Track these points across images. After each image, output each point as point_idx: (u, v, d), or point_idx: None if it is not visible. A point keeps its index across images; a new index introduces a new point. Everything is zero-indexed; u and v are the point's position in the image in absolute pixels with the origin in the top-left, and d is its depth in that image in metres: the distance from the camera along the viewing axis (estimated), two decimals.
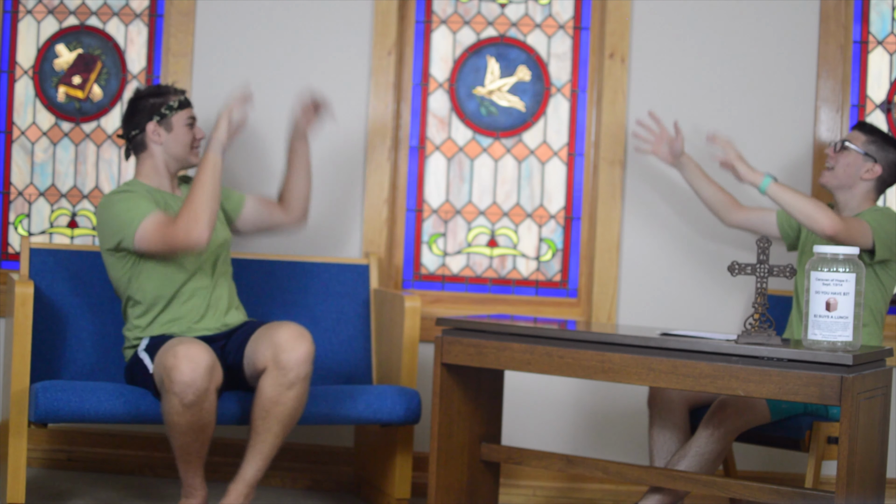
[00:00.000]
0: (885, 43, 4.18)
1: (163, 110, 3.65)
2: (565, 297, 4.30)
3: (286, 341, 3.38)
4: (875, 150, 3.60)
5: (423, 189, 4.32)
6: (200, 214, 3.46)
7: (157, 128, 3.65)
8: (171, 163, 3.69)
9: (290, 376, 3.37)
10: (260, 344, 3.45)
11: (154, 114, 3.65)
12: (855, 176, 3.60)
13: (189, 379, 3.26)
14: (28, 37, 4.34)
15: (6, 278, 4.17)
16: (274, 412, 3.38)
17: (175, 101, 3.67)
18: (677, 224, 4.17)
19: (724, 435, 3.37)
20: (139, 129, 3.66)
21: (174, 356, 3.28)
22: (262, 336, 3.47)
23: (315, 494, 4.12)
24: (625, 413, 4.18)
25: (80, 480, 4.08)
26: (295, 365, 3.37)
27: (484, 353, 3.31)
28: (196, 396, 3.27)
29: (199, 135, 3.72)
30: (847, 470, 2.84)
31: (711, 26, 4.16)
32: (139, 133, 3.67)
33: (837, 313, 2.91)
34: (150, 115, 3.65)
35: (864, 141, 3.61)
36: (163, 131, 3.66)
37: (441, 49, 4.33)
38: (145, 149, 3.68)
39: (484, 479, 3.57)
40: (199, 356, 3.28)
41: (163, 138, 3.66)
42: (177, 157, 3.68)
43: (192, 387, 3.26)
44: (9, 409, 3.47)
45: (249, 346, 3.50)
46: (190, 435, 3.33)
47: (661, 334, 3.16)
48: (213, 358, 3.33)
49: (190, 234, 3.45)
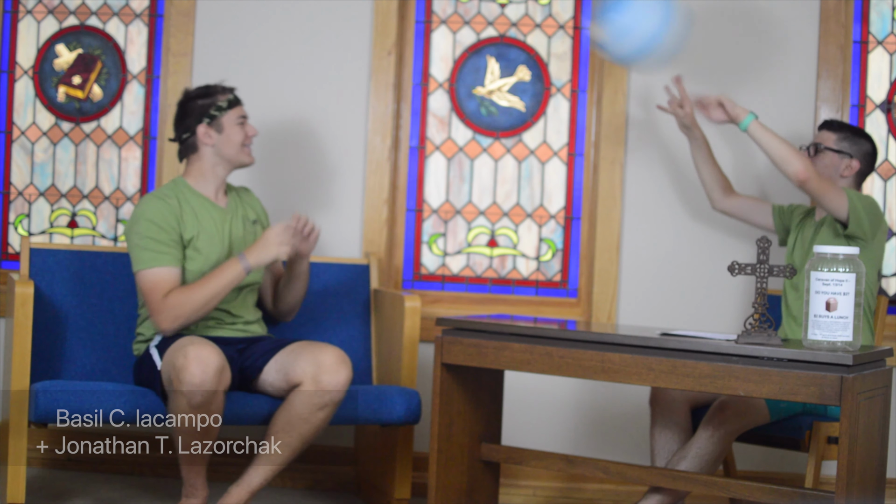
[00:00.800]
0: (885, 43, 4.18)
1: (212, 111, 3.62)
2: (565, 297, 4.30)
3: (331, 364, 3.40)
4: (848, 146, 3.61)
5: (423, 189, 4.32)
6: (187, 316, 3.48)
7: (208, 129, 3.62)
8: (220, 165, 3.65)
9: (325, 398, 3.38)
10: (300, 359, 3.44)
11: (204, 115, 3.62)
12: (833, 175, 3.62)
13: (199, 380, 3.26)
14: (28, 37, 4.34)
15: (6, 278, 4.17)
16: (299, 429, 3.39)
17: (224, 101, 3.63)
18: (677, 224, 4.17)
19: (724, 436, 3.37)
20: (190, 131, 3.63)
21: (184, 356, 3.28)
22: (303, 352, 3.46)
23: (315, 494, 4.12)
24: (625, 413, 4.18)
25: (80, 480, 4.08)
26: (334, 389, 3.39)
27: (484, 353, 3.31)
28: (204, 398, 3.27)
29: (252, 132, 3.68)
30: (847, 470, 2.84)
31: (711, 26, 4.16)
32: (190, 136, 3.64)
33: (837, 313, 2.90)
34: (199, 118, 3.62)
35: (835, 139, 3.63)
36: (214, 133, 3.62)
37: (441, 49, 4.33)
38: (196, 151, 3.65)
39: (484, 479, 3.57)
40: (209, 358, 3.28)
41: (214, 140, 3.62)
42: (229, 157, 3.64)
43: (201, 388, 3.26)
44: (9, 409, 3.47)
45: (283, 357, 3.49)
46: (195, 436, 3.32)
47: (661, 334, 3.16)
48: (224, 360, 3.33)
49: (162, 323, 3.49)
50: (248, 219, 3.73)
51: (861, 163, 3.63)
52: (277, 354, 3.51)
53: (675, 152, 4.17)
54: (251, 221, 3.74)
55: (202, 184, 3.66)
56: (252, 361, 3.53)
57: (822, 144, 3.63)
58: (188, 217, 3.58)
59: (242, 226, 3.70)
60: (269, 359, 3.51)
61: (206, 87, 3.67)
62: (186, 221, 3.57)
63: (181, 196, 3.61)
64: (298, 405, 3.38)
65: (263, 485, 3.44)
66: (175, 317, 3.48)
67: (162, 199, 3.58)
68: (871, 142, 3.66)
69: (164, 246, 3.52)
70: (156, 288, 3.49)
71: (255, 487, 3.43)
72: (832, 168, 3.62)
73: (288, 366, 3.45)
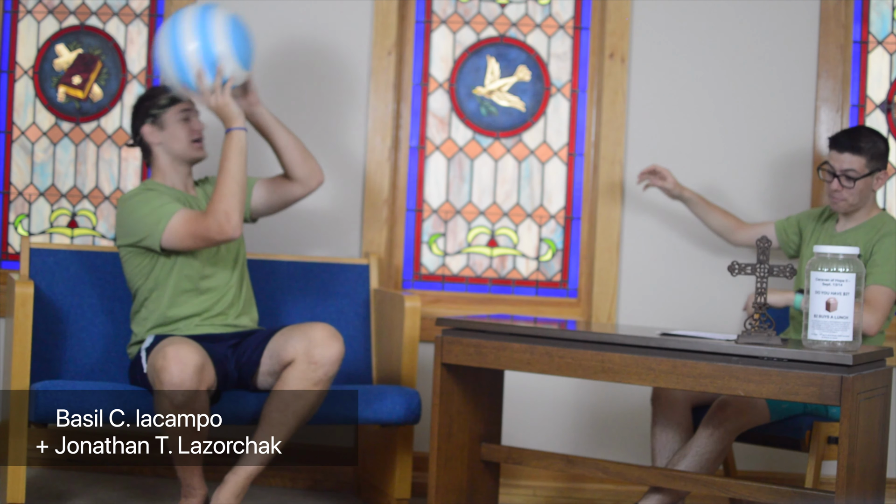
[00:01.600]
0: (885, 43, 4.18)
1: (153, 111, 3.64)
2: (565, 297, 4.30)
3: (321, 338, 3.40)
4: (875, 163, 3.56)
5: (423, 189, 4.32)
6: (231, 206, 3.46)
7: (152, 129, 3.64)
8: (176, 162, 3.67)
9: (318, 373, 3.38)
10: (291, 338, 3.44)
11: (146, 116, 3.65)
12: (868, 192, 3.58)
13: (178, 380, 3.25)
14: (28, 37, 4.34)
15: (6, 278, 4.17)
16: (294, 406, 3.38)
17: (164, 99, 3.64)
18: (677, 224, 4.17)
19: (723, 435, 3.37)
20: (136, 132, 3.67)
21: (163, 357, 3.28)
22: (293, 331, 3.47)
23: (315, 494, 4.12)
24: (625, 413, 4.18)
25: (80, 480, 4.08)
26: (327, 362, 3.38)
27: (484, 353, 3.31)
28: (185, 398, 3.26)
29: (198, 127, 3.68)
30: (847, 470, 2.84)
31: (711, 26, 4.16)
32: (139, 137, 3.67)
33: (837, 313, 2.90)
34: (143, 118, 3.65)
35: (864, 163, 3.54)
36: (157, 131, 3.64)
37: (441, 49, 4.33)
38: (150, 151, 3.67)
39: (484, 479, 3.57)
40: (187, 357, 3.28)
41: (160, 138, 3.64)
42: (177, 154, 3.65)
43: (180, 388, 3.25)
44: (9, 409, 3.47)
45: (274, 342, 3.49)
46: (184, 436, 3.32)
47: (661, 334, 3.16)
48: (204, 359, 3.32)
49: (224, 228, 3.46)
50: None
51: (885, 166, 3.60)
52: (269, 343, 3.52)
53: (675, 152, 4.17)
54: None
55: (171, 179, 3.68)
56: (248, 356, 3.53)
57: (855, 173, 3.53)
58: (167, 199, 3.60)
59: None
60: (262, 350, 3.52)
61: (151, 89, 3.72)
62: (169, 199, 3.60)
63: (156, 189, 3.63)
64: (292, 381, 3.38)
65: (259, 470, 3.42)
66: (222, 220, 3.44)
67: (147, 189, 3.61)
68: (884, 140, 3.60)
69: (169, 200, 3.53)
70: (189, 224, 3.47)
71: (252, 472, 3.42)
72: (867, 190, 3.56)
73: (279, 348, 3.46)
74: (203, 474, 3.46)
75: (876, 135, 3.58)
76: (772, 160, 4.12)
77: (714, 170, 4.15)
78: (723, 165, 4.14)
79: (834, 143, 3.58)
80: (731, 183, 4.14)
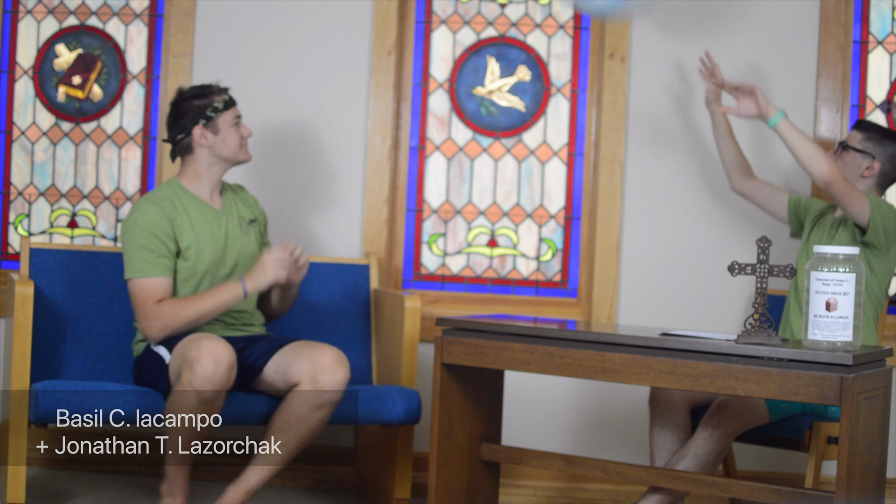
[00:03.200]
0: (885, 43, 4.18)
1: (209, 112, 3.60)
2: (565, 297, 4.30)
3: (328, 364, 3.40)
4: (872, 147, 3.59)
5: (423, 189, 4.32)
6: (175, 328, 3.49)
7: (204, 131, 3.60)
8: (216, 165, 3.64)
9: (322, 398, 3.38)
10: (298, 358, 3.44)
11: (200, 117, 3.60)
12: (854, 175, 3.60)
13: (211, 373, 3.25)
14: (28, 37, 4.34)
15: (6, 278, 4.17)
16: (296, 429, 3.39)
17: (220, 102, 3.61)
18: (677, 224, 4.17)
19: (723, 435, 3.37)
20: (185, 132, 3.61)
21: (198, 348, 3.27)
22: (301, 352, 3.46)
23: (315, 494, 4.12)
24: (625, 413, 4.18)
25: (80, 480, 4.08)
26: (331, 389, 3.39)
27: (484, 353, 3.31)
28: (214, 393, 3.27)
29: (246, 133, 3.66)
30: (847, 470, 2.84)
31: (711, 26, 4.16)
32: (185, 136, 3.62)
33: (837, 313, 2.90)
34: (195, 119, 3.60)
35: (860, 139, 3.61)
36: (210, 134, 3.61)
37: (441, 49, 4.33)
38: (191, 152, 3.64)
39: (484, 479, 3.57)
40: (222, 353, 3.28)
41: (210, 141, 3.61)
42: (226, 158, 3.63)
43: (212, 381, 3.26)
44: (9, 409, 3.47)
45: (282, 357, 3.49)
46: (192, 433, 3.32)
47: (661, 334, 3.16)
48: (235, 357, 3.34)
49: (149, 329, 3.50)
50: (245, 218, 3.72)
51: (885, 165, 3.60)
52: (276, 354, 3.50)
53: (675, 152, 4.17)
54: (248, 221, 3.73)
55: (197, 185, 3.65)
56: (252, 361, 3.53)
57: (846, 143, 3.62)
58: (183, 221, 3.57)
59: (239, 226, 3.69)
60: (268, 359, 3.51)
61: (201, 87, 3.65)
62: (181, 226, 3.57)
63: (175, 199, 3.60)
64: (296, 405, 3.38)
65: (261, 485, 3.44)
66: (164, 326, 3.48)
67: (157, 203, 3.57)
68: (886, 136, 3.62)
69: (156, 256, 3.52)
70: (147, 297, 3.50)
71: (253, 487, 3.43)
72: (853, 167, 3.60)
73: (286, 366, 3.45)
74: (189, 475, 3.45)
75: (893, 135, 3.60)
76: (772, 160, 4.12)
77: (714, 169, 4.14)
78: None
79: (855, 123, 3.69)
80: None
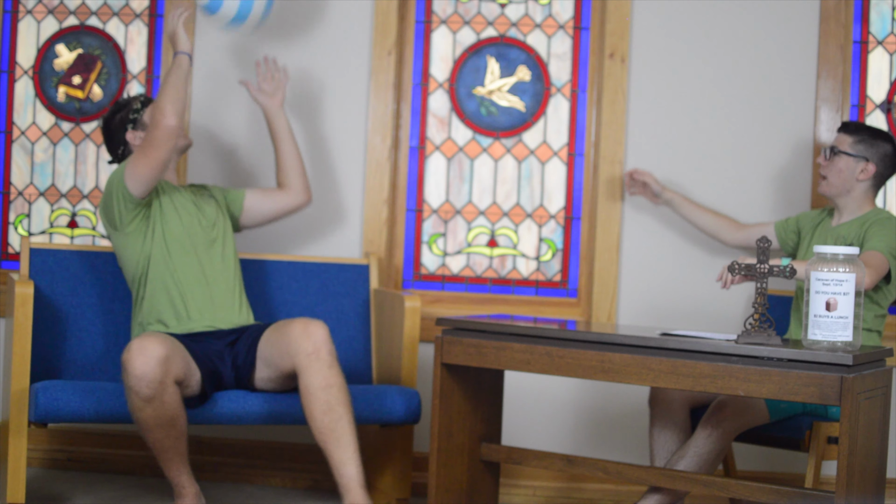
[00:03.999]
0: (885, 43, 4.18)
1: (131, 116, 3.73)
2: (565, 297, 4.30)
3: (301, 333, 3.41)
4: (864, 149, 3.58)
5: (423, 189, 4.32)
6: (164, 102, 3.54)
7: (135, 133, 3.72)
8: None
9: (322, 355, 3.39)
10: (276, 347, 3.45)
11: (126, 123, 3.73)
12: (850, 179, 3.59)
13: (140, 372, 3.24)
14: (28, 37, 4.34)
15: (6, 278, 4.17)
16: (333, 397, 3.38)
17: (137, 103, 3.75)
18: (677, 223, 4.17)
19: (722, 435, 3.37)
20: (122, 143, 3.74)
21: (128, 350, 3.28)
22: (275, 341, 3.48)
23: (315, 494, 4.12)
24: (625, 413, 4.18)
25: (80, 480, 4.08)
26: (321, 344, 3.39)
27: (484, 353, 3.31)
28: (151, 390, 3.25)
29: None
30: (847, 470, 2.84)
31: (711, 26, 4.16)
32: (125, 147, 3.74)
33: (837, 313, 2.90)
34: (123, 127, 3.74)
35: (851, 142, 3.59)
36: (140, 132, 3.72)
37: (441, 49, 4.33)
38: None
39: (484, 479, 3.57)
40: (151, 347, 3.27)
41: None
42: None
43: (143, 380, 3.24)
44: (9, 409, 3.47)
45: (265, 348, 3.51)
46: (159, 431, 3.31)
47: (661, 334, 3.16)
48: (169, 349, 3.31)
49: (158, 122, 3.53)
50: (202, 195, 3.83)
51: (879, 165, 3.59)
52: (258, 349, 3.53)
53: (675, 152, 4.17)
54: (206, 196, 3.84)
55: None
56: (242, 359, 3.54)
57: (837, 148, 3.60)
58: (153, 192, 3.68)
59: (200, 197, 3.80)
60: (255, 352, 3.53)
61: (116, 104, 3.79)
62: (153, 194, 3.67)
63: None
64: (312, 380, 3.37)
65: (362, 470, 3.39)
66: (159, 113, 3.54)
67: None
68: (891, 142, 3.61)
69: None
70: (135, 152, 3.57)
71: (361, 479, 3.37)
72: (847, 172, 3.58)
73: (275, 359, 3.48)
74: (191, 472, 3.45)
75: (883, 134, 3.59)
76: (772, 160, 4.12)
77: (714, 170, 4.15)
78: (723, 165, 4.14)
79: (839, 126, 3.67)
80: (731, 183, 4.14)
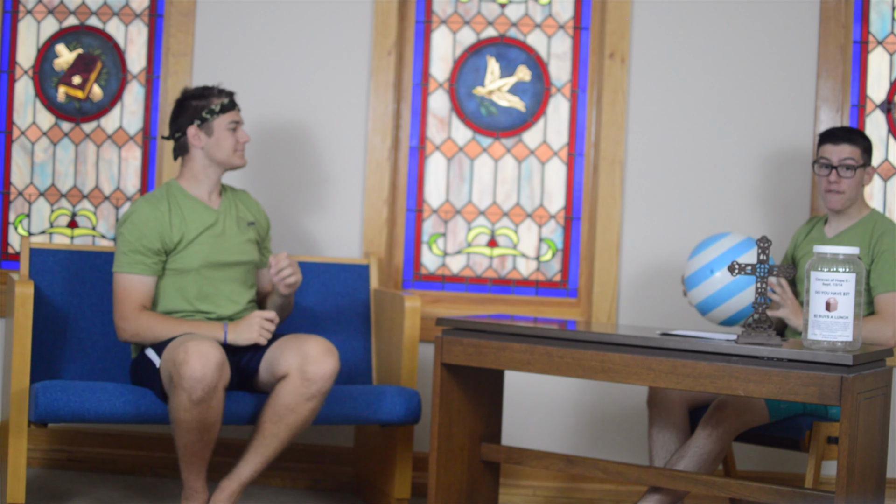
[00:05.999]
0: (885, 43, 4.18)
1: (204, 114, 3.60)
2: (565, 297, 4.30)
3: (316, 354, 3.39)
4: (867, 157, 3.57)
5: (423, 189, 4.32)
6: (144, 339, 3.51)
7: (198, 132, 3.61)
8: (211, 168, 3.64)
9: (312, 389, 3.38)
10: (286, 351, 3.43)
11: (195, 117, 3.60)
12: (861, 187, 3.58)
13: (199, 374, 3.25)
14: (28, 37, 4.34)
15: (6, 278, 4.17)
16: (287, 419, 3.39)
17: (217, 105, 3.61)
18: (677, 224, 4.17)
19: (722, 435, 3.37)
20: (181, 131, 3.63)
21: (185, 351, 3.27)
22: (288, 344, 3.46)
23: (315, 494, 4.12)
24: (625, 413, 4.18)
25: (80, 480, 4.08)
26: (319, 379, 3.38)
27: (484, 353, 3.31)
28: (205, 392, 3.26)
29: (243, 138, 3.65)
30: (847, 470, 2.84)
31: (711, 26, 4.16)
32: (181, 136, 3.63)
33: (837, 313, 2.90)
34: (191, 119, 3.61)
35: (860, 153, 3.54)
36: (203, 136, 3.61)
37: (441, 49, 4.33)
38: (187, 152, 3.64)
39: (484, 479, 3.57)
40: (209, 352, 3.28)
41: (203, 142, 3.61)
42: (218, 161, 3.63)
43: (201, 382, 3.25)
44: (9, 409, 3.47)
45: (272, 352, 3.49)
46: (195, 434, 3.32)
47: (661, 334, 3.16)
48: (224, 355, 3.33)
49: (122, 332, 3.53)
50: (244, 219, 3.72)
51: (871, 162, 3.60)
52: (267, 351, 3.51)
53: (675, 152, 4.17)
54: (247, 223, 3.73)
55: (194, 186, 3.65)
56: (246, 362, 3.54)
57: (854, 162, 3.52)
58: (176, 219, 3.58)
59: (236, 225, 3.69)
60: (260, 357, 3.52)
61: (203, 89, 3.65)
62: (175, 224, 3.57)
63: (172, 200, 3.60)
64: (285, 396, 3.38)
65: (253, 477, 3.45)
66: (135, 334, 3.52)
67: (152, 204, 3.58)
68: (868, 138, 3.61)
69: (142, 256, 3.53)
70: (127, 296, 3.53)
71: (246, 480, 3.44)
72: (858, 182, 3.54)
73: (274, 360, 3.46)
74: (206, 477, 3.46)
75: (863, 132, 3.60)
76: (772, 160, 4.12)
77: (714, 170, 4.15)
78: (722, 165, 4.14)
79: (829, 136, 3.57)
80: (731, 183, 4.14)
